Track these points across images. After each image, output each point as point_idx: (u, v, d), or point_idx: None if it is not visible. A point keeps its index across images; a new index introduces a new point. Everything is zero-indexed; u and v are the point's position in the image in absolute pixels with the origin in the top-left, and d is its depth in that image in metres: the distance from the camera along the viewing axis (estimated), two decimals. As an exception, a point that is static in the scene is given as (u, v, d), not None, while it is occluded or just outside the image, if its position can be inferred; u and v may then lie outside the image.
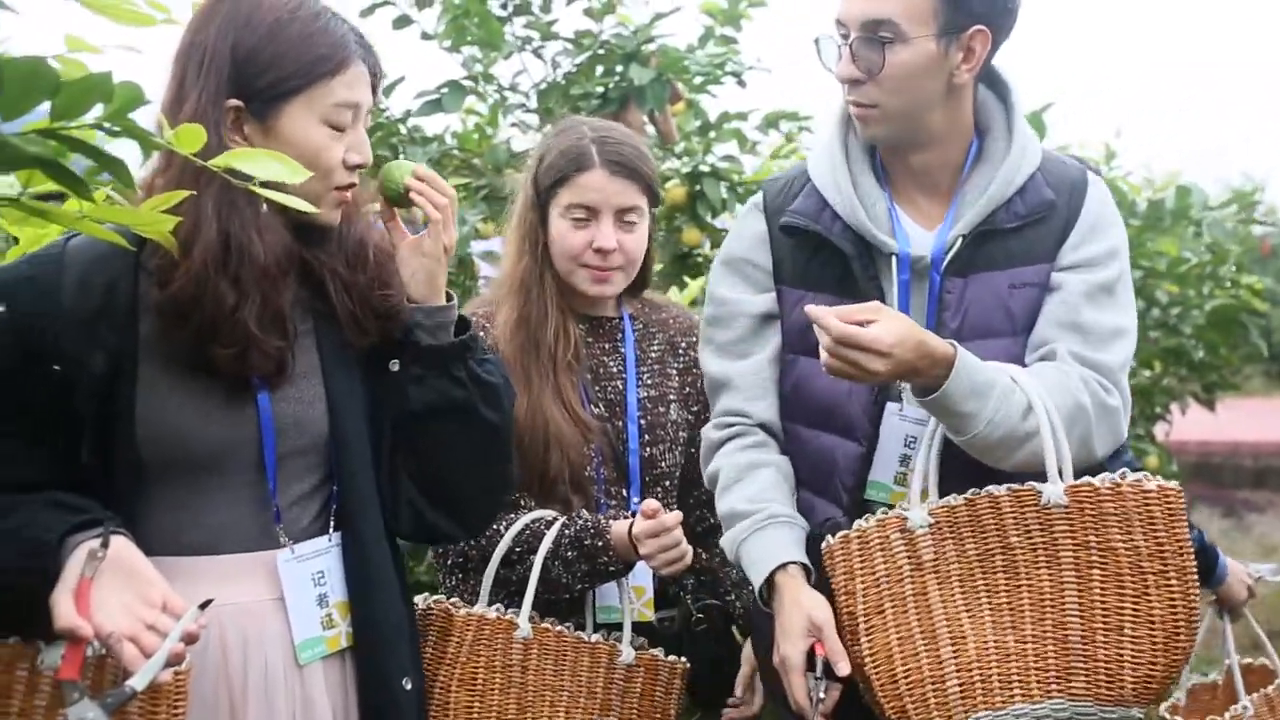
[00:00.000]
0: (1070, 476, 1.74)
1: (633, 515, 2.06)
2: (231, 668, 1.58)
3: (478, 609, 1.98)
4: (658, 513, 1.99)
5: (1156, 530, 1.71)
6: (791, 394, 1.94)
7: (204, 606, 1.41)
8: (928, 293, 1.86)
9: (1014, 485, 1.75)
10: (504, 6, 3.68)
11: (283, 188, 1.32)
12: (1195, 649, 2.22)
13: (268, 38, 1.55)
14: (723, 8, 3.87)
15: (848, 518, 1.85)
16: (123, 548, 1.42)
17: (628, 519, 2.05)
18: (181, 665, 1.40)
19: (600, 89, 3.57)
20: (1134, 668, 1.71)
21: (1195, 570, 1.72)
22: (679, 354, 2.26)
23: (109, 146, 1.15)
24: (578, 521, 2.07)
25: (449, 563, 2.16)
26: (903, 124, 1.86)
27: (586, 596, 2.11)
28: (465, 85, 3.58)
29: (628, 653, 2.04)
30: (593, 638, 2.03)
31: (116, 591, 1.39)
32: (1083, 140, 4.43)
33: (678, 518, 2.01)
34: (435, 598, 2.01)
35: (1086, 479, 1.73)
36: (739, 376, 1.95)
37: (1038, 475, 1.75)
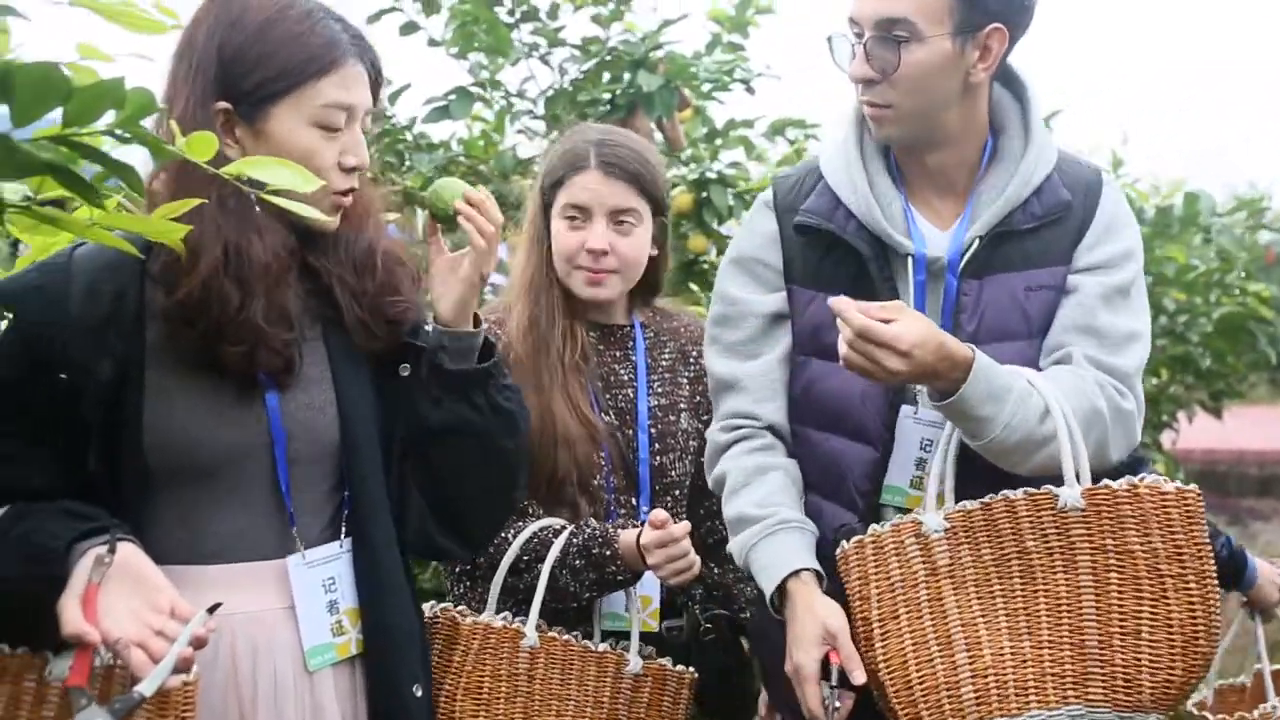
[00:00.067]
0: (1088, 480, 1.72)
1: (642, 524, 2.05)
2: (241, 676, 1.57)
3: (484, 617, 1.97)
4: (666, 523, 1.99)
5: (1175, 533, 1.68)
6: (802, 396, 1.92)
7: (212, 611, 1.41)
8: (943, 294, 1.84)
9: (1030, 489, 1.73)
10: (511, 13, 3.67)
11: (279, 191, 1.31)
12: (1227, 650, 2.21)
13: (254, 38, 1.53)
14: (730, 15, 3.86)
15: (863, 522, 1.83)
16: (130, 554, 1.42)
17: (636, 528, 2.04)
18: (190, 675, 1.40)
19: (608, 96, 3.56)
20: (1152, 673, 1.68)
21: (1215, 574, 1.69)
22: (690, 363, 2.25)
23: (115, 152, 1.14)
24: (585, 530, 2.06)
25: (456, 570, 2.16)
26: (918, 124, 1.84)
27: (594, 605, 2.10)
28: (473, 92, 3.57)
29: (635, 662, 2.03)
30: (600, 647, 2.02)
31: (124, 597, 1.38)
32: (1091, 146, 4.43)
33: (686, 528, 2.01)
34: (442, 605, 2.00)
35: (1104, 482, 1.72)
36: (748, 378, 1.93)
37: (1054, 480, 1.73)
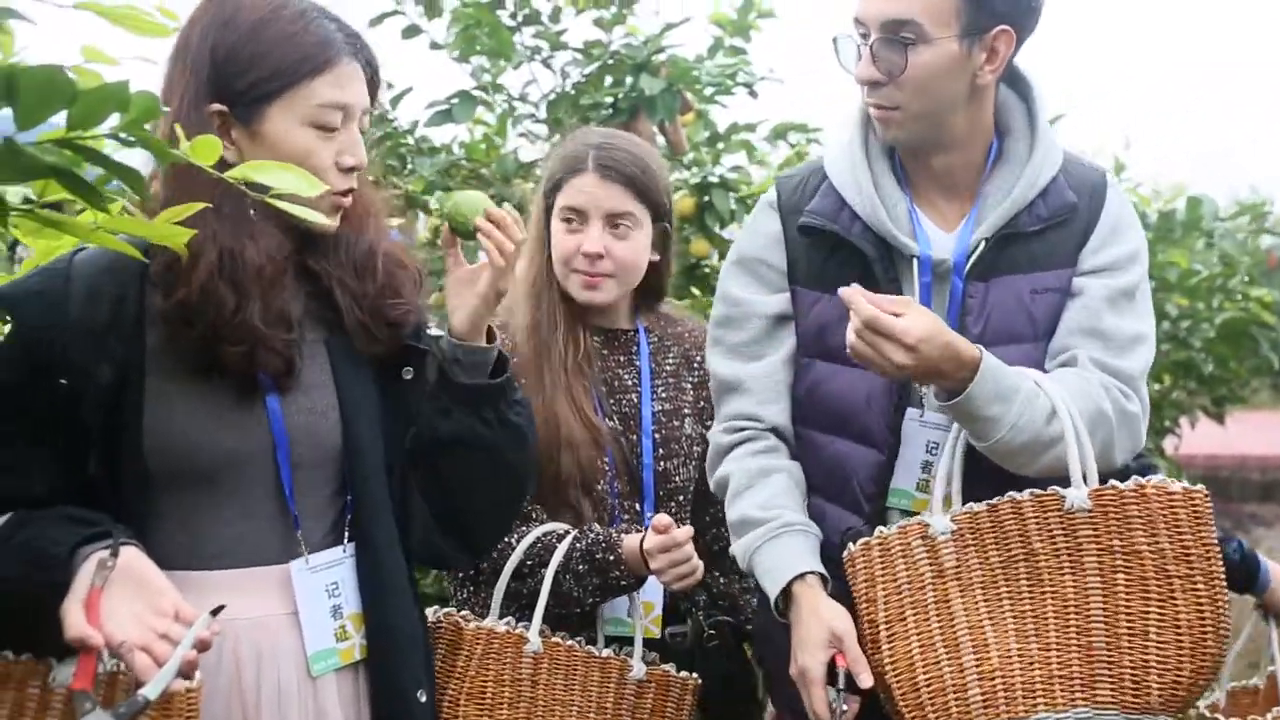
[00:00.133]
0: (1095, 481, 1.72)
1: (645, 529, 2.05)
2: (245, 682, 1.56)
3: (488, 622, 1.97)
4: (669, 527, 1.98)
5: (1182, 533, 1.68)
6: (806, 398, 1.91)
7: (215, 613, 1.40)
8: (949, 297, 1.84)
9: (1037, 490, 1.72)
10: (513, 16, 3.67)
11: (281, 195, 1.30)
12: (1240, 654, 2.19)
13: (247, 39, 1.52)
14: (732, 19, 3.86)
15: (869, 525, 1.82)
16: (133, 557, 1.41)
17: (640, 533, 2.04)
18: (194, 682, 1.39)
19: (610, 99, 3.55)
20: (1160, 674, 1.67)
21: (1223, 575, 1.68)
22: (694, 368, 2.25)
23: (115, 156, 1.14)
24: (589, 535, 2.06)
25: (460, 575, 2.16)
26: (925, 126, 1.83)
27: (597, 611, 2.10)
28: (475, 96, 3.57)
29: (639, 668, 2.02)
30: (603, 652, 2.02)
31: (127, 601, 1.37)
32: (1094, 149, 4.43)
33: (689, 533, 2.00)
34: (446, 610, 1.99)
35: (1111, 483, 1.71)
36: (751, 379, 1.91)
37: (1060, 482, 1.72)
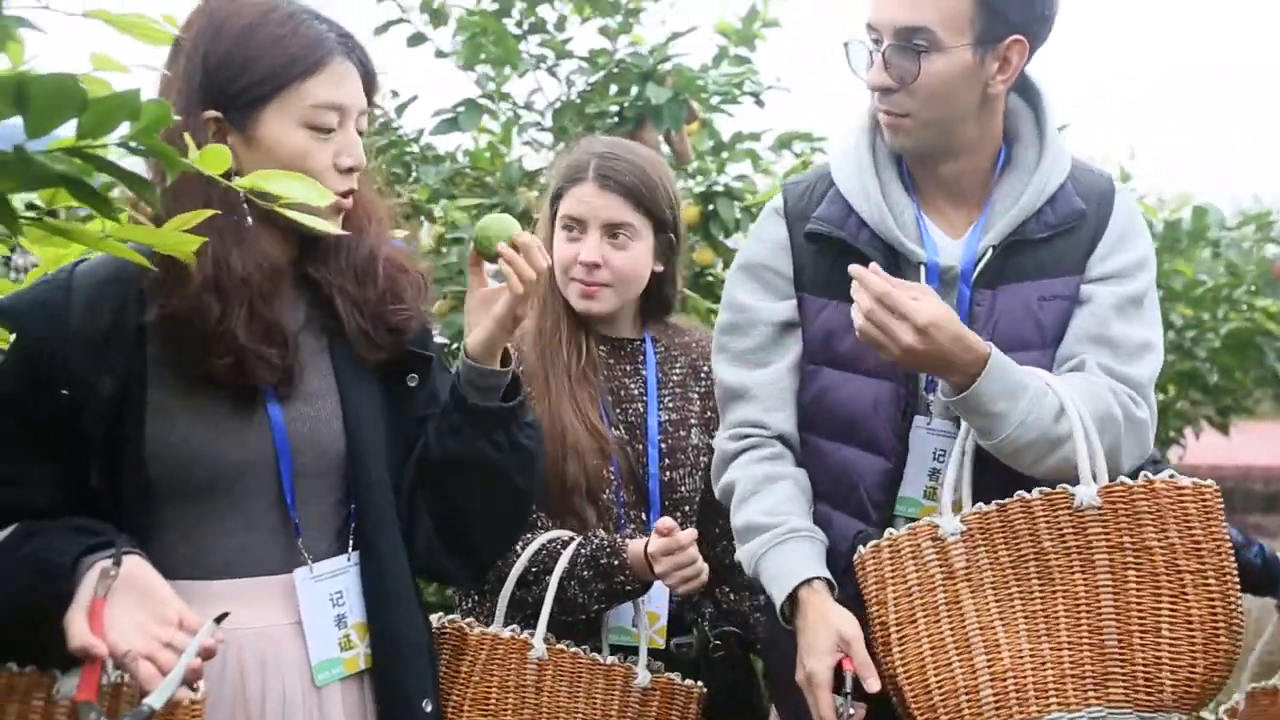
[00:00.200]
0: (1104, 478, 1.71)
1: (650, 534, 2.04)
2: (249, 692, 1.56)
3: (492, 628, 1.96)
4: (672, 530, 1.98)
5: (1192, 528, 1.66)
6: (812, 406, 1.90)
7: (219, 621, 1.39)
8: (957, 304, 1.83)
9: (1046, 489, 1.71)
10: (519, 25, 3.67)
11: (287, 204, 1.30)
12: (1261, 657, 2.18)
13: (237, 44, 1.52)
14: (737, 28, 3.86)
15: (872, 531, 1.81)
16: (136, 567, 1.41)
17: (644, 538, 2.04)
18: (198, 694, 1.38)
19: (615, 108, 3.55)
20: (1173, 671, 1.66)
21: (1235, 571, 1.67)
22: (701, 378, 2.24)
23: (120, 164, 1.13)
24: (593, 541, 2.05)
25: (464, 584, 2.15)
26: (934, 134, 1.82)
27: (601, 620, 2.10)
28: (482, 104, 3.57)
29: (644, 675, 2.01)
30: (608, 660, 2.01)
31: (130, 610, 1.37)
32: (1101, 156, 4.43)
33: (693, 535, 2.00)
34: (450, 617, 1.99)
35: (1121, 479, 1.70)
36: (757, 386, 1.91)
37: (1069, 482, 1.71)
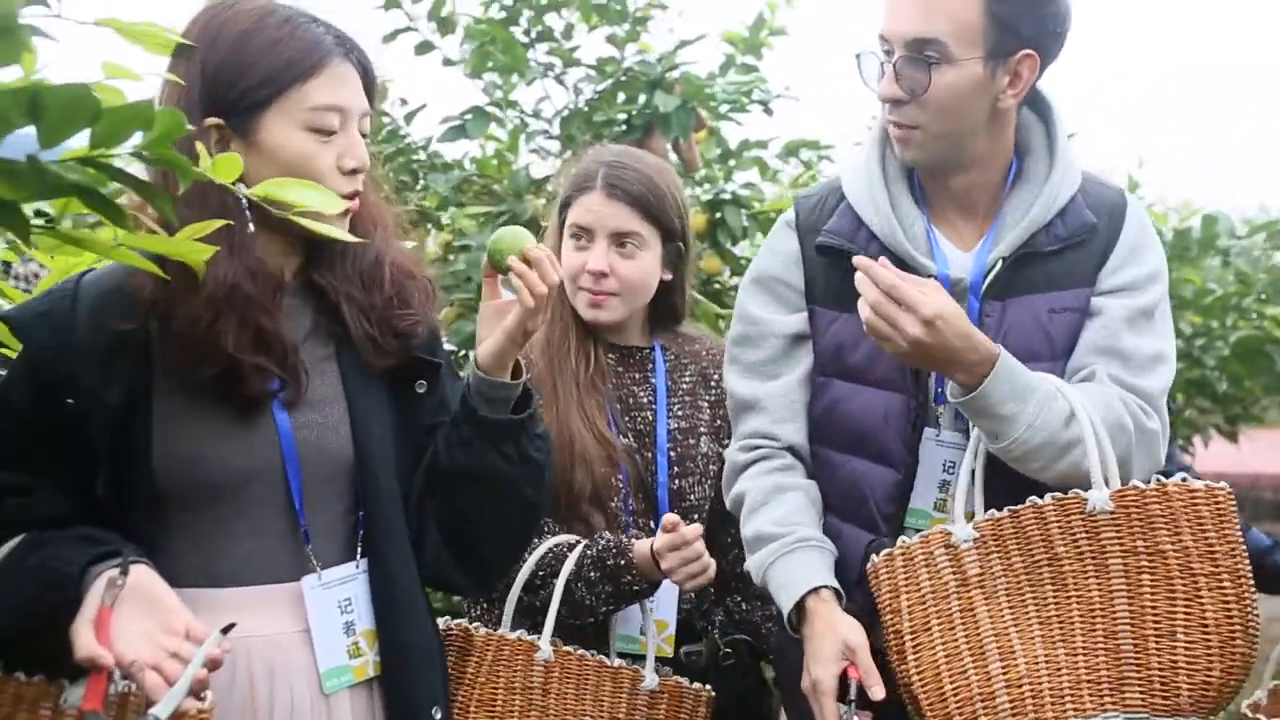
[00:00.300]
0: (1116, 482, 1.71)
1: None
2: (258, 701, 1.55)
3: (499, 630, 1.96)
4: (677, 525, 1.98)
5: (1206, 531, 1.66)
6: (823, 418, 1.91)
7: (226, 631, 1.39)
8: (966, 315, 1.82)
9: (1058, 494, 1.72)
10: (527, 33, 3.68)
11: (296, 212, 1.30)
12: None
13: (234, 51, 1.52)
14: (744, 36, 3.87)
15: (885, 540, 1.81)
16: (143, 576, 1.41)
17: (650, 538, 2.03)
18: (206, 703, 1.38)
19: (623, 116, 3.56)
20: (1189, 675, 1.66)
21: (1250, 573, 1.67)
22: (711, 386, 2.25)
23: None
24: (599, 542, 2.06)
25: (473, 587, 2.15)
26: (944, 146, 1.83)
27: (609, 624, 2.09)
28: (489, 111, 3.58)
29: (651, 678, 2.01)
30: (616, 662, 2.01)
31: (137, 620, 1.37)
32: (1109, 166, 4.43)
33: (698, 530, 2.00)
34: (457, 621, 1.99)
35: (1133, 482, 1.70)
36: (768, 398, 1.92)
37: (1080, 488, 1.71)
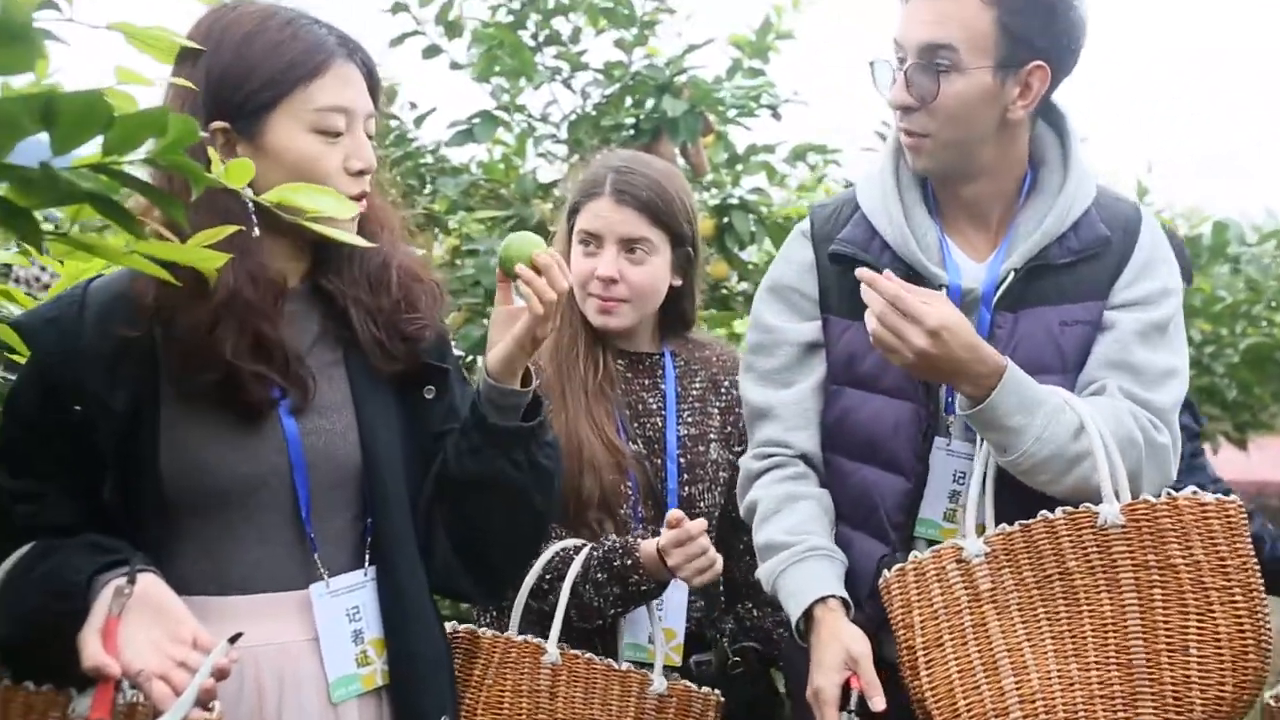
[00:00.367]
0: (1127, 496, 1.70)
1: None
2: (266, 710, 1.54)
3: (505, 633, 1.95)
4: (681, 520, 1.98)
5: (1217, 544, 1.66)
6: (835, 426, 1.91)
7: (233, 640, 1.38)
8: (977, 327, 1.83)
9: (1069, 508, 1.71)
10: (534, 37, 3.68)
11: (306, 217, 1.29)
12: None
13: (236, 54, 1.52)
14: (750, 40, 3.87)
15: (896, 554, 1.81)
16: (150, 585, 1.40)
17: (655, 537, 2.02)
18: (214, 713, 1.37)
19: (631, 120, 3.56)
20: (1203, 690, 1.65)
21: (1262, 586, 1.67)
22: (721, 393, 2.24)
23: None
24: (606, 543, 2.05)
25: (481, 595, 2.14)
26: (954, 155, 1.83)
27: (616, 629, 2.09)
28: (497, 116, 3.58)
29: (659, 682, 2.00)
30: (624, 665, 2.00)
31: (145, 629, 1.36)
32: (1116, 171, 4.43)
33: (702, 525, 1.99)
34: (466, 625, 1.98)
35: (1144, 496, 1.70)
36: (781, 406, 1.92)
37: (1090, 502, 1.70)
